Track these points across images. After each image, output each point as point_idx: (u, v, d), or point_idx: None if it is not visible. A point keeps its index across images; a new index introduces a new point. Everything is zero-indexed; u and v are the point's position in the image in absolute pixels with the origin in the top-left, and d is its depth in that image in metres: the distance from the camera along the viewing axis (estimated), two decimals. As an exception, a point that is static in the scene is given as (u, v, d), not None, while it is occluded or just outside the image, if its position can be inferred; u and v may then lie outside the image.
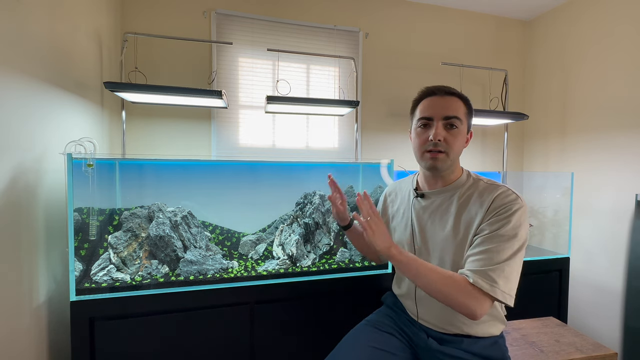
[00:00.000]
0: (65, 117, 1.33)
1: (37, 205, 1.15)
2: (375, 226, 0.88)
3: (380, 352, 0.94)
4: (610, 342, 2.01)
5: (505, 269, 0.79)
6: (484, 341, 0.92)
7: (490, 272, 0.79)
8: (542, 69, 2.57)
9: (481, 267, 0.80)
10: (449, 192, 0.95)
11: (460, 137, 0.91)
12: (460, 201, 0.92)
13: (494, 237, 0.82)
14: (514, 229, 0.82)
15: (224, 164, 1.71)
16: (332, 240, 1.53)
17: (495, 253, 0.80)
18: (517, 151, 2.75)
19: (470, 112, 0.94)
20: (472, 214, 0.89)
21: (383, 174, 1.59)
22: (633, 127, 1.95)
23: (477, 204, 0.89)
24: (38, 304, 1.14)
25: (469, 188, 0.93)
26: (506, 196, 0.86)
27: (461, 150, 0.94)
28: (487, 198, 0.88)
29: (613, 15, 2.07)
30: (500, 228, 0.82)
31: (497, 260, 0.79)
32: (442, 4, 2.47)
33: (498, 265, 0.79)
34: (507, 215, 0.83)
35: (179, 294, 1.21)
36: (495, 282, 0.78)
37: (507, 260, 0.80)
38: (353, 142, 2.31)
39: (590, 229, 2.17)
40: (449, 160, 0.91)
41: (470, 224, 0.88)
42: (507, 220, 0.82)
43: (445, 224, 0.93)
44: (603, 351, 1.21)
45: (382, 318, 1.08)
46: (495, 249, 0.81)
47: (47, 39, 1.20)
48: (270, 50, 1.93)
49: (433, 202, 0.97)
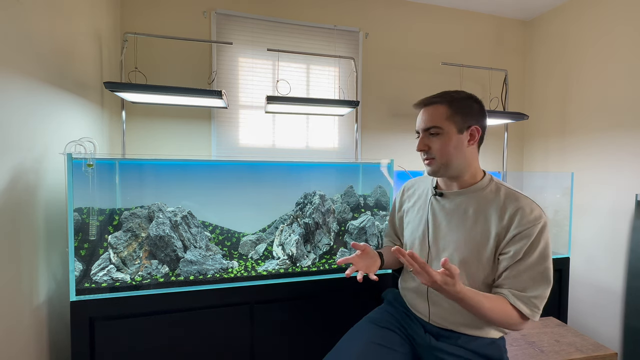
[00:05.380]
0: (65, 117, 1.33)
1: (37, 205, 1.15)
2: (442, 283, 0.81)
3: (380, 347, 0.96)
4: (610, 342, 2.01)
5: (542, 294, 0.84)
6: (482, 340, 0.93)
7: (533, 299, 0.84)
8: (542, 69, 2.57)
9: (523, 292, 0.85)
10: (468, 195, 0.95)
11: (446, 141, 0.92)
12: (479, 206, 0.92)
13: (530, 263, 0.85)
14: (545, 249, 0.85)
15: (224, 164, 1.71)
16: (332, 240, 1.53)
17: (531, 280, 0.85)
18: (517, 151, 2.74)
19: (459, 111, 0.92)
20: (490, 223, 0.89)
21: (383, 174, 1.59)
22: (633, 127, 1.95)
23: (497, 213, 0.89)
24: (38, 304, 1.14)
25: (490, 194, 0.93)
26: (530, 212, 0.86)
27: (455, 152, 0.92)
28: (508, 209, 0.88)
29: (613, 15, 2.07)
30: (531, 251, 0.84)
31: (536, 286, 0.84)
32: (442, 4, 2.47)
33: (538, 293, 0.84)
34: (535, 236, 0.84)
35: (179, 294, 1.21)
36: (537, 307, 0.84)
37: (544, 285, 0.84)
38: (353, 142, 2.31)
39: (590, 229, 2.17)
40: (439, 164, 0.93)
41: (488, 232, 0.89)
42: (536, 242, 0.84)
43: (461, 227, 0.94)
44: (603, 351, 1.21)
45: (383, 315, 1.10)
46: (530, 276, 0.85)
47: (47, 39, 1.20)
48: (270, 50, 1.93)
49: (451, 203, 0.98)
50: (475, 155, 0.97)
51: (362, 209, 1.66)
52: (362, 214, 1.62)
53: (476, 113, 0.94)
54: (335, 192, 1.70)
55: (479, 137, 0.94)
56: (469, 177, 0.95)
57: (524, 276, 0.84)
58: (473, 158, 0.95)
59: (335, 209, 1.60)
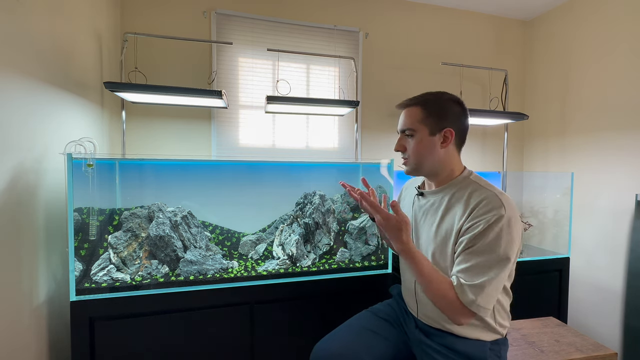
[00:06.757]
0: (65, 117, 1.33)
1: (37, 205, 1.15)
2: (385, 220, 0.88)
3: (373, 334, 1.03)
4: (610, 342, 2.01)
5: (482, 284, 0.81)
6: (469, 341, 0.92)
7: (472, 286, 0.82)
8: (542, 69, 2.57)
9: (463, 278, 0.83)
10: (442, 193, 0.96)
11: (418, 143, 0.94)
12: (449, 203, 0.93)
13: (473, 251, 0.83)
14: (495, 241, 0.82)
15: (224, 164, 1.71)
16: (332, 240, 1.53)
17: (477, 269, 0.83)
18: (517, 151, 2.74)
19: (432, 113, 0.93)
20: (455, 216, 0.89)
21: (383, 174, 1.59)
22: (633, 128, 1.95)
23: (462, 208, 0.88)
24: (38, 304, 1.14)
25: (460, 189, 0.93)
26: (488, 204, 0.84)
27: (427, 153, 0.93)
28: (470, 203, 0.87)
29: (613, 15, 2.07)
30: (479, 240, 0.82)
31: (478, 275, 0.82)
32: (442, 4, 2.47)
33: (476, 282, 0.81)
34: (487, 227, 0.82)
35: (179, 294, 1.21)
36: (475, 296, 0.81)
37: (484, 277, 0.81)
38: (353, 142, 2.31)
39: (590, 229, 2.17)
40: (412, 164, 0.97)
41: (452, 225, 0.89)
42: (487, 232, 0.82)
43: (432, 224, 0.95)
44: (603, 351, 1.21)
45: (384, 307, 1.15)
46: (477, 265, 0.83)
47: (48, 39, 1.20)
48: (270, 50, 1.93)
49: (427, 202, 1.00)
50: (453, 155, 0.96)
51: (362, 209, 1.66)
52: (362, 214, 1.62)
53: (454, 115, 0.94)
54: (335, 192, 1.70)
55: (454, 139, 0.93)
56: (446, 176, 0.96)
57: (468, 263, 0.83)
58: (449, 158, 0.95)
59: (335, 209, 1.60)
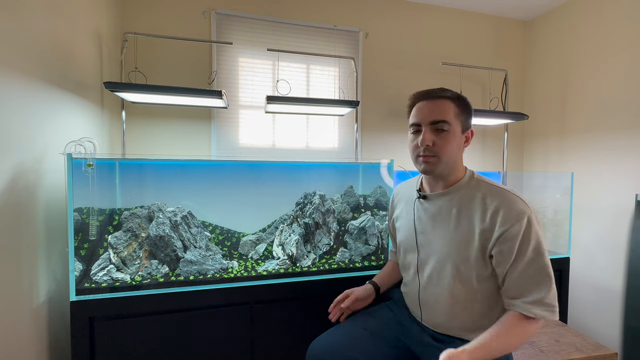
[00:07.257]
0: (65, 117, 1.33)
1: (37, 205, 1.14)
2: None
3: (369, 334, 1.00)
4: (610, 342, 2.01)
5: (551, 287, 0.81)
6: None
7: (545, 299, 0.80)
8: (542, 69, 2.57)
9: (536, 298, 0.81)
10: (450, 195, 0.93)
11: (452, 139, 0.89)
12: (462, 206, 0.90)
13: (524, 262, 0.81)
14: (537, 245, 0.81)
15: (224, 164, 1.71)
16: (332, 240, 1.53)
17: (533, 279, 0.81)
18: (517, 151, 2.74)
19: (464, 110, 0.91)
20: (474, 221, 0.87)
21: (383, 174, 1.59)
22: (633, 128, 1.95)
23: (479, 210, 0.86)
24: (38, 304, 1.14)
25: (471, 191, 0.90)
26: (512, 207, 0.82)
27: (457, 152, 0.91)
28: (489, 206, 0.85)
29: (613, 15, 2.06)
30: (523, 251, 0.81)
31: (542, 285, 0.81)
32: (442, 4, 2.47)
33: (543, 294, 0.80)
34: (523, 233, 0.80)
35: (179, 294, 1.21)
36: (552, 305, 0.81)
37: (547, 282, 0.81)
38: (353, 142, 2.31)
39: (590, 229, 2.17)
40: (442, 163, 0.90)
41: (472, 231, 0.87)
42: (526, 239, 0.81)
43: (445, 230, 0.92)
44: (603, 351, 1.21)
45: (382, 309, 1.12)
46: (530, 276, 0.81)
47: (47, 39, 1.20)
48: (270, 50, 1.93)
49: (434, 205, 0.96)
50: (462, 156, 0.96)
51: (362, 209, 1.66)
52: (362, 214, 1.62)
53: (471, 115, 0.95)
54: (335, 192, 1.70)
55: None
56: (454, 177, 0.94)
57: (525, 278, 0.81)
58: (461, 159, 0.96)
59: (335, 209, 1.60)
